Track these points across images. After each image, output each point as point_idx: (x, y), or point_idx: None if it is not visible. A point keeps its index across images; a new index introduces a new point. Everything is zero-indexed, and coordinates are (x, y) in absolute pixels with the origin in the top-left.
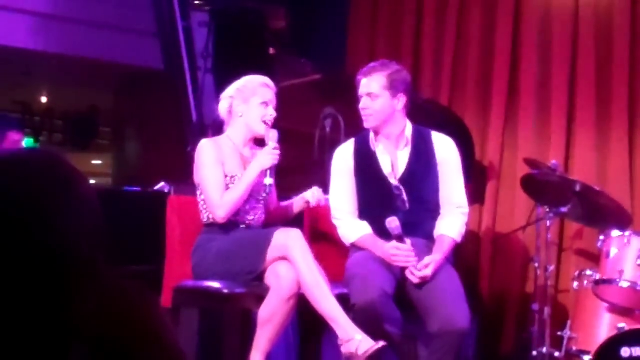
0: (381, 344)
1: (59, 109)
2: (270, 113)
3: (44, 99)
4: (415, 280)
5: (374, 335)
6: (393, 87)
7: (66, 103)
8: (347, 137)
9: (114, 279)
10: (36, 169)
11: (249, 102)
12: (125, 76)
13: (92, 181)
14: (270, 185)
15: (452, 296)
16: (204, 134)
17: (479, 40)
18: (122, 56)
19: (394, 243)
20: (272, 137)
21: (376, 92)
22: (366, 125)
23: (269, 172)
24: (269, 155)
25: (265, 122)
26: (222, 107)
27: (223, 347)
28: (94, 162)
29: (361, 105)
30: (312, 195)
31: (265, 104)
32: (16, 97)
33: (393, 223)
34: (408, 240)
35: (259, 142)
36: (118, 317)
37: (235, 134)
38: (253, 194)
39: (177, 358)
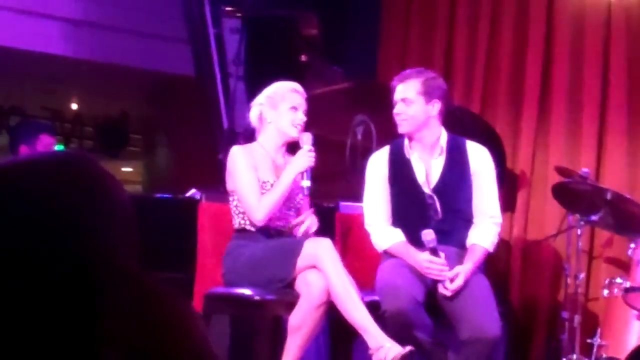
0: (408, 348)
1: (89, 116)
2: (300, 117)
3: (74, 106)
4: (448, 294)
5: (404, 342)
6: (427, 93)
7: (97, 110)
8: (379, 145)
9: (149, 285)
10: (68, 171)
11: (278, 108)
12: (156, 83)
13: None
14: (307, 187)
15: (482, 304)
16: (235, 141)
17: (510, 49)
18: (153, 63)
19: (427, 255)
20: (306, 140)
21: (411, 97)
22: (400, 130)
23: (305, 174)
24: (305, 157)
25: (296, 126)
26: (253, 114)
27: (253, 354)
28: (124, 169)
29: (396, 110)
30: (306, 225)
31: (295, 108)
32: (46, 104)
33: (429, 236)
34: (442, 254)
35: (292, 149)
36: (153, 324)
37: (266, 140)
38: (285, 201)
39: None
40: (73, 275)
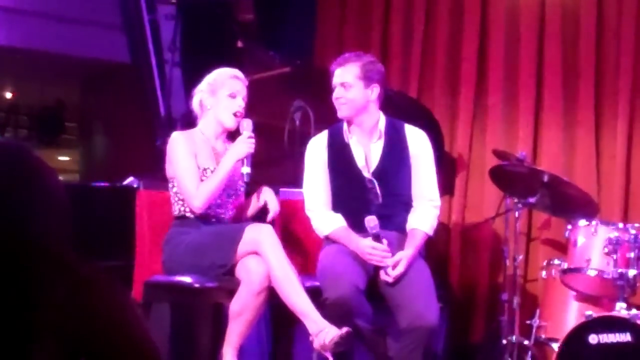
0: (345, 329)
1: (24, 105)
2: (239, 104)
3: (8, 95)
4: (389, 280)
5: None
6: (366, 77)
7: (32, 98)
8: (317, 130)
9: (84, 272)
10: (2, 159)
11: (216, 95)
12: (91, 70)
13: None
14: (248, 174)
15: (422, 292)
16: (172, 128)
17: (447, 34)
18: (88, 50)
19: (370, 241)
20: (246, 126)
21: (350, 81)
22: (340, 114)
23: (245, 161)
24: (244, 144)
25: (235, 115)
26: (194, 101)
27: (195, 341)
28: (60, 158)
29: (335, 94)
30: (270, 201)
31: (233, 95)
32: None
33: (372, 222)
34: (385, 240)
35: (232, 137)
36: (89, 312)
37: (206, 127)
38: (225, 188)
39: (148, 348)
40: (7, 264)
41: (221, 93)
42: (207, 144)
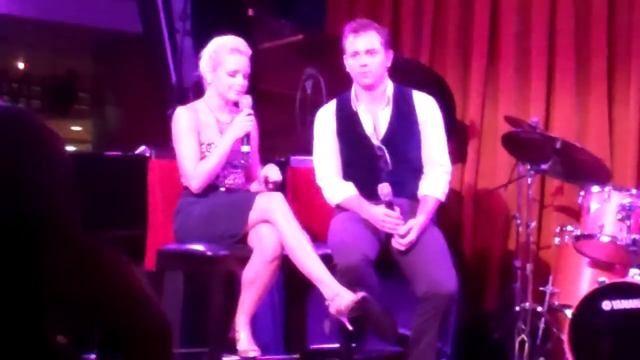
0: (360, 294)
1: (36, 75)
2: (239, 82)
3: (21, 65)
4: (401, 248)
5: None
6: (386, 43)
7: (44, 69)
8: (329, 98)
9: (88, 243)
10: (6, 125)
11: (217, 71)
12: (103, 40)
13: (72, 147)
14: (247, 153)
15: (438, 260)
16: (184, 97)
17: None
18: (100, 20)
19: (383, 209)
20: (245, 103)
21: (376, 47)
22: (366, 81)
23: (245, 139)
24: (243, 122)
25: (235, 91)
26: (200, 66)
27: (208, 309)
28: (73, 128)
29: (361, 61)
30: (271, 173)
31: (233, 74)
32: None
33: (385, 189)
34: (397, 208)
35: (238, 105)
36: (93, 280)
37: (210, 99)
38: (229, 160)
39: (156, 316)
40: (11, 233)
41: (220, 70)
42: (211, 117)
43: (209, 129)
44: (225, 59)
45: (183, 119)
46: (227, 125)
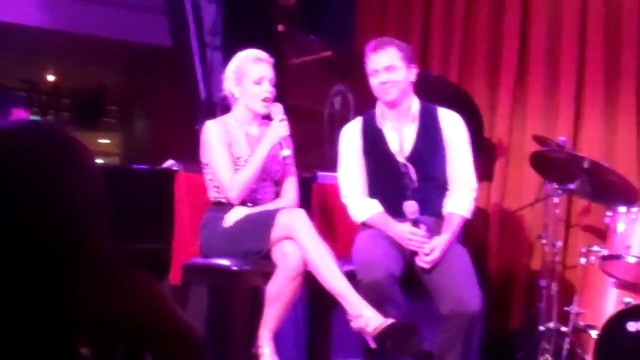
0: (390, 321)
1: (66, 88)
2: (266, 89)
3: (50, 77)
4: (426, 267)
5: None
6: (407, 59)
7: (73, 81)
8: (357, 114)
9: (120, 262)
10: (37, 140)
11: (242, 83)
12: (133, 54)
13: (99, 160)
14: (288, 156)
15: (463, 278)
16: (213, 112)
17: (488, 18)
18: (130, 34)
19: (409, 227)
20: (276, 111)
21: (396, 63)
22: (388, 98)
23: (283, 143)
24: (278, 129)
25: (264, 100)
26: (225, 85)
27: (232, 324)
28: (101, 141)
29: (380, 79)
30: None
31: (258, 82)
32: (22, 76)
33: (411, 207)
34: (423, 226)
35: (268, 117)
36: (124, 300)
37: (238, 114)
38: (260, 172)
39: (187, 332)
40: (43, 249)
41: (246, 81)
42: (240, 131)
43: (238, 143)
44: (248, 68)
45: (214, 131)
46: (255, 138)
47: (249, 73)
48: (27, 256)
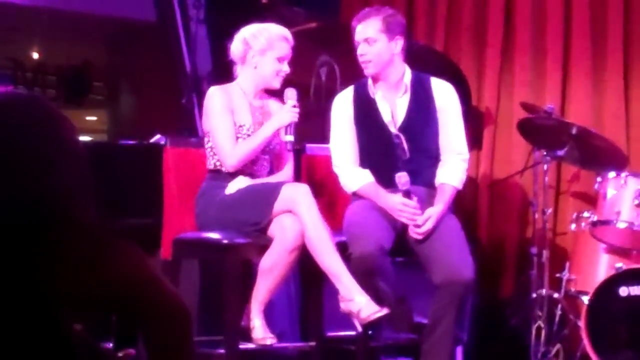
0: (384, 311)
1: (51, 65)
2: (285, 69)
3: (35, 55)
4: (419, 237)
5: (367, 288)
6: (389, 30)
7: (58, 58)
8: (343, 86)
9: (104, 234)
10: (19, 112)
11: (265, 55)
12: (117, 29)
13: (87, 137)
14: (291, 142)
15: (455, 247)
16: (198, 86)
17: None
18: (114, 9)
19: (400, 198)
20: (290, 95)
21: (373, 36)
22: (366, 72)
23: (288, 129)
24: (289, 113)
25: (280, 77)
26: (236, 49)
27: (224, 298)
28: (88, 118)
29: (359, 51)
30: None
31: (282, 59)
32: (6, 53)
33: (402, 178)
34: (415, 197)
35: (270, 92)
36: (109, 270)
37: (246, 82)
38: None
39: (173, 303)
40: (27, 222)
41: (270, 55)
42: (244, 100)
43: (241, 111)
44: (277, 45)
45: (217, 98)
46: (258, 109)
47: (276, 48)
48: (12, 230)
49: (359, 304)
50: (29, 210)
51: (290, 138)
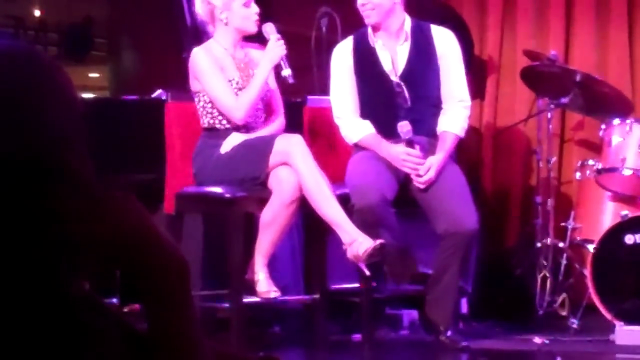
0: (379, 242)
1: (52, 22)
2: (255, 11)
3: (36, 13)
4: (421, 187)
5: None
6: None
7: (59, 15)
8: (344, 37)
9: (101, 186)
10: (13, 62)
11: (231, 8)
12: None
13: (90, 94)
14: (290, 75)
15: (458, 197)
16: (199, 37)
17: None
18: None
19: (403, 147)
20: (269, 30)
21: None
22: (368, 21)
23: (283, 64)
24: (276, 48)
25: (253, 21)
26: (202, 11)
27: (227, 251)
28: (91, 75)
29: (360, 1)
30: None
31: (247, 4)
32: (8, 12)
33: (405, 127)
34: (417, 146)
35: (247, 39)
36: (105, 223)
37: (223, 38)
38: None
39: (171, 255)
40: (23, 174)
41: (235, 5)
42: (227, 56)
43: (227, 67)
44: None
45: (204, 57)
46: (242, 61)
47: None
48: (7, 179)
49: (360, 243)
50: (25, 160)
51: (287, 71)
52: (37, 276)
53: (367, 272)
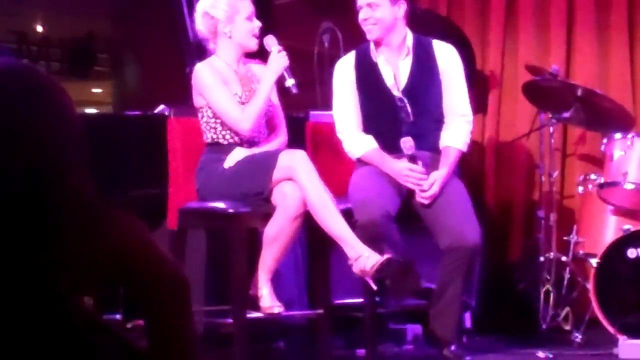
0: (386, 256)
1: (55, 38)
2: (257, 25)
3: (39, 28)
4: (425, 202)
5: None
6: None
7: (62, 31)
8: (346, 52)
9: (100, 204)
10: (13, 81)
11: (234, 22)
12: (120, 0)
13: (93, 110)
14: (294, 84)
15: (461, 212)
16: (201, 53)
17: None
18: None
19: (406, 163)
20: (271, 42)
21: (376, 0)
22: (369, 36)
23: (286, 74)
24: (278, 59)
25: (255, 36)
26: (204, 26)
27: (231, 267)
28: (94, 90)
29: (362, 16)
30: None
31: (250, 18)
32: (11, 27)
33: (407, 143)
34: (420, 162)
35: (250, 56)
36: (105, 241)
37: (225, 53)
38: None
39: (171, 273)
40: (23, 193)
41: (238, 18)
42: (229, 70)
43: (231, 82)
44: (240, 5)
45: (207, 72)
46: (245, 76)
47: (241, 10)
48: (8, 198)
49: (366, 258)
50: (26, 179)
51: (291, 81)
52: (37, 293)
53: (375, 287)
